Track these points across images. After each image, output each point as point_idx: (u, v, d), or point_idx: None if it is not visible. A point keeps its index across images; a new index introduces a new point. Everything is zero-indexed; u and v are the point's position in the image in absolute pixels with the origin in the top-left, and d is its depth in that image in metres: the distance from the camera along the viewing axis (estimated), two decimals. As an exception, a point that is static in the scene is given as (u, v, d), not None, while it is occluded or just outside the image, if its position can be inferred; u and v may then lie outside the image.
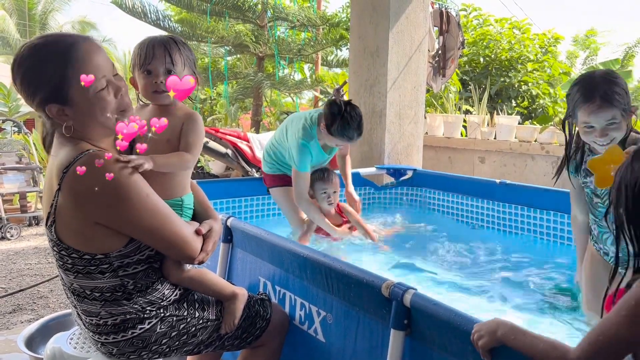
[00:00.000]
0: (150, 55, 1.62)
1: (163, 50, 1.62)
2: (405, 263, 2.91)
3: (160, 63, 1.61)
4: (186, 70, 1.66)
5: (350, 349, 1.66)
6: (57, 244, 1.42)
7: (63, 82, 1.35)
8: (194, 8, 9.28)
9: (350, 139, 2.89)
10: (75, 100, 1.37)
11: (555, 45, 9.50)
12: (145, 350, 1.52)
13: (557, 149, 5.23)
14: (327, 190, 3.07)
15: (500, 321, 1.19)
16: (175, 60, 1.63)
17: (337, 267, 1.68)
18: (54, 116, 1.38)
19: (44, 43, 1.39)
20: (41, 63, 1.35)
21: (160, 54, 1.61)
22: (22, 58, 1.37)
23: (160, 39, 1.66)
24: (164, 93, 1.60)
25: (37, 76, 1.35)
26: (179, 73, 1.62)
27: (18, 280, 4.20)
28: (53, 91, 1.36)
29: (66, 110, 1.38)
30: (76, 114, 1.39)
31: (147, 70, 1.63)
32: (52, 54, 1.36)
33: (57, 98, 1.36)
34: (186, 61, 1.67)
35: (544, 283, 2.63)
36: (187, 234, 1.50)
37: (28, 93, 1.38)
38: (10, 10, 23.32)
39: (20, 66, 1.37)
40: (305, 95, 13.03)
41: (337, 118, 2.82)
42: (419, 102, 4.71)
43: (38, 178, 6.39)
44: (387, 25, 4.39)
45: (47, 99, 1.36)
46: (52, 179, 1.40)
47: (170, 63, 1.61)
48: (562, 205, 3.12)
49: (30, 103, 1.40)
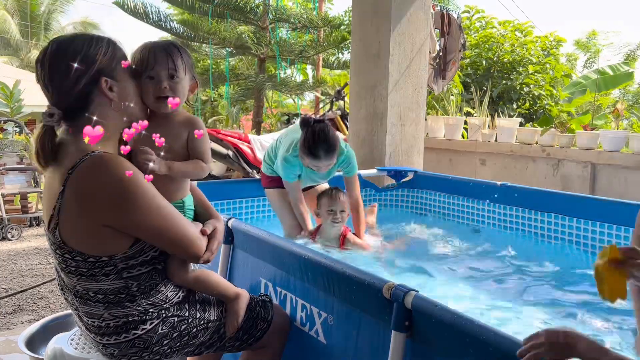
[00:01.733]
0: (152, 61, 1.59)
1: (165, 55, 1.60)
2: (406, 265, 2.90)
3: (163, 68, 1.59)
4: (187, 74, 1.65)
5: (351, 350, 1.66)
6: (61, 247, 1.41)
7: (112, 59, 1.46)
8: (196, 9, 9.30)
9: (315, 156, 2.75)
10: (120, 78, 1.48)
11: (557, 48, 9.51)
12: (146, 351, 1.52)
13: (557, 152, 5.23)
14: (334, 207, 2.93)
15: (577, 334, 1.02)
16: (178, 65, 1.62)
17: (339, 269, 1.68)
18: (105, 90, 1.44)
19: (82, 33, 1.53)
20: (91, 42, 1.45)
21: (163, 59, 1.60)
22: (66, 44, 1.44)
23: (160, 44, 1.65)
24: (168, 98, 1.59)
25: (91, 52, 1.43)
26: (181, 78, 1.62)
27: (19, 281, 4.20)
28: (107, 64, 1.45)
29: (114, 86, 1.46)
30: (120, 93, 1.48)
31: (150, 76, 1.59)
32: (97, 37, 1.49)
33: (109, 72, 1.46)
34: (187, 66, 1.66)
35: (545, 284, 2.63)
36: (192, 233, 1.51)
37: (77, 72, 1.41)
38: (11, 11, 23.33)
39: (67, 49, 1.43)
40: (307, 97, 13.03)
41: (304, 135, 2.75)
42: (420, 104, 4.71)
43: (39, 179, 6.40)
44: (389, 28, 4.39)
45: (100, 72, 1.44)
46: (54, 181, 1.40)
47: (173, 68, 1.60)
48: (563, 207, 3.12)
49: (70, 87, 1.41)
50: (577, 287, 2.62)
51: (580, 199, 3.17)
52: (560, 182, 5.23)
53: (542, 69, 8.88)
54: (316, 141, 2.73)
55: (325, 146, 2.74)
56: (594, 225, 2.97)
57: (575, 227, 3.06)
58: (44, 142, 1.41)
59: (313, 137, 2.73)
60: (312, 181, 3.15)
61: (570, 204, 3.11)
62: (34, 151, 1.43)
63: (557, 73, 9.06)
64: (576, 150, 5.09)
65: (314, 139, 2.73)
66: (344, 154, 2.96)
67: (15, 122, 7.24)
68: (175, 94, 1.61)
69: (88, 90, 1.43)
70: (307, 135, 2.75)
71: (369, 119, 4.55)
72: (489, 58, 8.84)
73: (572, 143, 5.22)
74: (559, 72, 9.12)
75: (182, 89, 1.64)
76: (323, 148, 2.73)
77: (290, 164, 2.88)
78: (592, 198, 3.29)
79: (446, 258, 3.05)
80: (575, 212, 3.07)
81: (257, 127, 9.83)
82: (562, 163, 5.21)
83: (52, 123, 1.41)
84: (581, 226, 3.03)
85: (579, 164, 5.05)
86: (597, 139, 5.03)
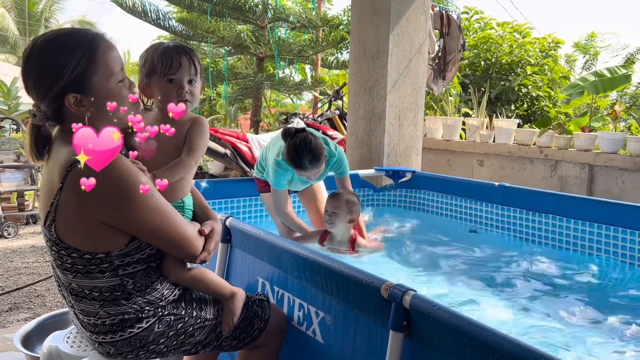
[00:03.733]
0: (176, 65, 1.66)
1: (188, 60, 1.68)
2: (404, 265, 2.90)
3: (186, 74, 1.67)
4: (199, 79, 1.73)
5: (349, 350, 1.65)
6: (57, 244, 1.41)
7: (87, 69, 1.36)
8: (195, 8, 9.29)
9: (301, 167, 2.71)
10: (95, 90, 1.38)
11: (555, 49, 9.53)
12: (142, 349, 1.51)
13: (555, 153, 5.24)
14: (327, 208, 2.93)
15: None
16: (198, 70, 1.71)
17: (336, 268, 1.68)
18: (71, 106, 1.37)
19: (64, 34, 1.41)
20: (64, 51, 1.36)
21: (186, 64, 1.67)
22: (40, 48, 1.37)
23: (181, 48, 1.71)
24: (187, 102, 1.66)
25: (59, 64, 1.35)
26: (199, 83, 1.72)
27: (15, 279, 4.19)
28: (75, 79, 1.36)
29: (84, 100, 1.38)
30: (93, 105, 1.38)
31: (171, 79, 1.66)
32: (75, 43, 1.37)
33: (78, 87, 1.36)
34: (201, 70, 1.75)
35: (544, 285, 2.63)
36: (190, 233, 1.50)
37: (45, 83, 1.36)
38: (8, 7, 23.26)
39: (39, 56, 1.36)
40: (306, 96, 13.03)
41: (287, 146, 2.71)
42: (419, 104, 4.71)
43: (36, 177, 6.38)
44: (388, 28, 4.39)
45: (67, 88, 1.35)
46: (52, 178, 1.40)
47: (194, 74, 1.69)
48: (561, 208, 3.13)
49: (42, 96, 1.37)
50: (575, 287, 2.63)
51: (578, 200, 3.18)
52: (558, 183, 5.23)
53: (541, 71, 8.90)
54: (299, 152, 2.66)
55: (310, 156, 2.67)
56: (592, 226, 2.98)
57: (572, 229, 3.06)
58: (33, 138, 1.42)
59: (295, 149, 2.67)
60: (305, 183, 3.14)
61: (568, 205, 3.11)
62: (27, 146, 1.43)
63: (555, 75, 9.08)
64: (574, 151, 5.10)
65: (297, 150, 2.67)
66: (335, 156, 2.91)
67: (12, 119, 7.23)
68: (193, 98, 1.70)
69: (57, 105, 1.38)
70: (290, 147, 2.69)
71: (367, 118, 4.55)
72: (487, 59, 8.86)
73: (569, 144, 5.23)
74: (557, 73, 9.14)
75: (198, 94, 1.73)
76: (307, 159, 2.68)
77: (282, 169, 2.83)
78: (590, 199, 3.30)
79: (444, 258, 3.04)
80: (572, 213, 3.07)
81: (255, 127, 9.82)
82: (559, 164, 5.22)
83: (37, 122, 1.40)
84: (579, 227, 3.03)
85: (577, 166, 5.06)
86: (595, 140, 5.04)
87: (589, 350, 1.98)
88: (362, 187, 3.93)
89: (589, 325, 2.21)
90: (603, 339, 2.08)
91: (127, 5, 8.91)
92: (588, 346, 2.01)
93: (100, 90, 1.39)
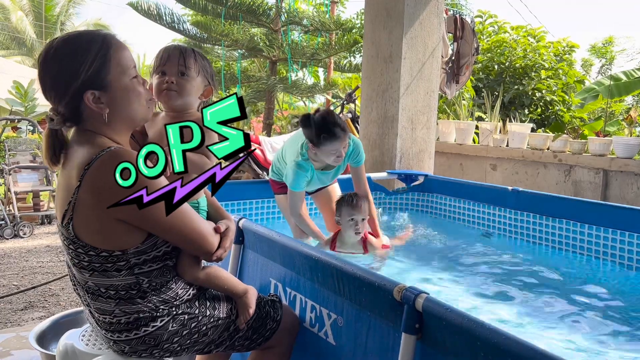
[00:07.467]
0: (165, 58, 1.69)
1: (178, 53, 1.69)
2: (416, 268, 2.90)
3: (174, 64, 1.68)
4: (200, 77, 1.72)
5: (361, 352, 1.65)
6: (74, 242, 1.43)
7: (102, 66, 1.40)
8: (209, 11, 9.35)
9: (335, 136, 2.74)
10: (112, 86, 1.43)
11: (569, 54, 9.45)
12: (157, 348, 1.53)
13: (569, 157, 5.20)
14: (355, 217, 2.81)
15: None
16: (189, 64, 1.69)
17: (349, 270, 1.68)
18: (90, 104, 1.40)
19: (77, 35, 1.45)
20: (79, 50, 1.40)
21: (175, 56, 1.68)
22: (55, 50, 1.41)
23: (179, 45, 1.74)
24: (172, 92, 1.66)
25: (75, 63, 1.39)
26: (192, 77, 1.69)
27: (30, 278, 4.24)
28: (91, 76, 1.40)
29: (102, 97, 1.42)
30: (112, 102, 1.43)
31: (162, 71, 1.69)
32: (90, 42, 1.42)
33: (95, 84, 1.40)
34: (201, 69, 1.73)
35: (557, 290, 2.61)
36: (205, 230, 1.51)
37: (63, 83, 1.39)
38: (27, 11, 23.61)
39: (55, 57, 1.40)
40: (318, 99, 13.04)
41: (312, 128, 2.76)
42: (432, 108, 4.70)
43: (51, 177, 6.46)
44: (401, 31, 4.39)
45: (84, 86, 1.39)
46: (69, 178, 1.42)
47: (183, 65, 1.68)
48: (575, 213, 3.10)
49: (60, 97, 1.41)
50: (586, 292, 2.60)
51: (592, 205, 3.15)
52: (572, 188, 5.19)
53: (555, 75, 8.84)
54: (329, 122, 2.75)
55: (339, 125, 2.77)
56: (606, 232, 2.95)
57: (587, 234, 3.04)
58: (50, 142, 1.45)
59: (324, 121, 2.75)
60: (322, 183, 3.15)
61: (582, 210, 3.09)
62: (44, 150, 1.47)
63: (570, 79, 9.01)
64: (588, 156, 5.06)
65: (326, 121, 2.75)
66: (351, 144, 2.96)
67: (29, 120, 7.32)
68: (182, 90, 1.68)
69: (75, 104, 1.41)
70: (318, 123, 2.75)
71: (380, 122, 4.55)
72: (501, 63, 8.81)
73: (584, 149, 5.19)
74: (572, 77, 9.06)
75: (191, 89, 1.70)
76: (338, 127, 2.76)
77: (302, 169, 2.86)
78: (604, 204, 3.27)
79: (456, 262, 3.03)
80: (587, 218, 3.05)
81: (268, 129, 9.85)
82: (574, 169, 5.18)
83: (54, 126, 1.43)
84: (593, 232, 3.01)
85: (591, 171, 5.02)
86: (610, 145, 5.00)
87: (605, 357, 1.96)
88: (375, 190, 3.93)
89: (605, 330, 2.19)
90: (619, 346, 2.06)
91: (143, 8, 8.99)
92: (605, 353, 1.99)
93: (116, 87, 1.43)
